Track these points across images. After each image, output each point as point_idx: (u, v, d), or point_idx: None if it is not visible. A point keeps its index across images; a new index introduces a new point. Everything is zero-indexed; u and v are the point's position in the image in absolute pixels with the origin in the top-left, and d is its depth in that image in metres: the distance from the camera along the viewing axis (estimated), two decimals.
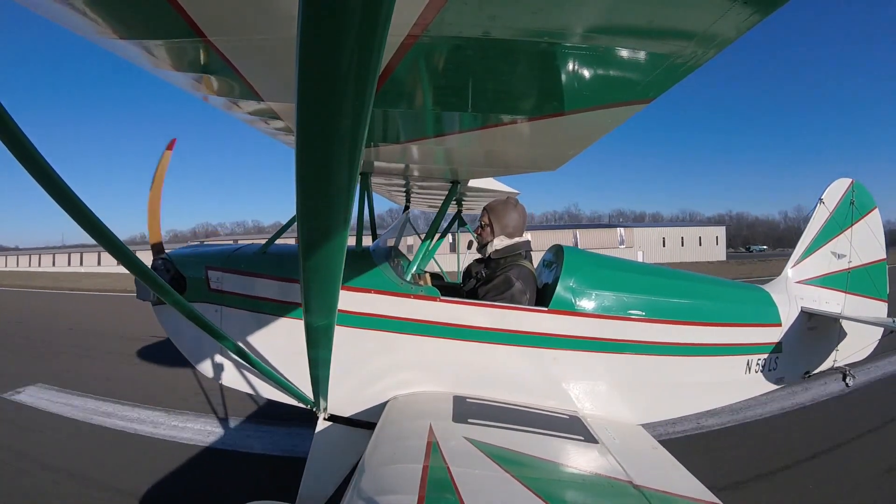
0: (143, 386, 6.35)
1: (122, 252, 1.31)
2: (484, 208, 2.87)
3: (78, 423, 5.18)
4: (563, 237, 36.99)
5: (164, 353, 7.51)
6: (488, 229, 2.81)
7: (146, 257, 2.27)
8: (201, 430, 4.91)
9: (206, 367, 2.78)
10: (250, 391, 2.73)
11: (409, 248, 4.78)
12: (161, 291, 1.55)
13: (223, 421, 5.14)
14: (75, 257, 55.67)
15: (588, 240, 38.11)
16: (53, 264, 56.88)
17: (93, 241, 1.28)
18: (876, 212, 3.70)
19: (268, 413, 5.23)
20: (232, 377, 2.72)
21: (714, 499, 1.70)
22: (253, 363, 2.29)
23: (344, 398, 2.52)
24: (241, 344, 2.19)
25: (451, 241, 5.18)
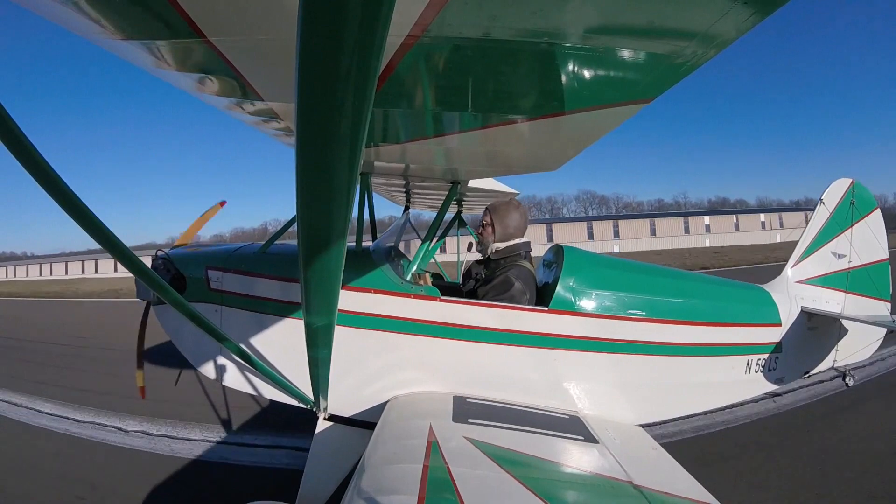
0: None
1: (121, 251, 1.31)
2: (486, 208, 2.88)
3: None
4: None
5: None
6: (489, 229, 2.81)
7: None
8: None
9: (205, 368, 2.78)
10: (250, 391, 2.73)
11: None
12: (161, 291, 1.55)
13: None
14: (89, 265, 55.07)
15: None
16: (66, 272, 56.01)
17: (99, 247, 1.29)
18: (877, 212, 3.72)
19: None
20: (232, 377, 2.72)
21: (713, 500, 1.70)
22: (253, 363, 2.28)
23: (344, 398, 2.52)
24: (241, 344, 2.18)
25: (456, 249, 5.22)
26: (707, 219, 46.13)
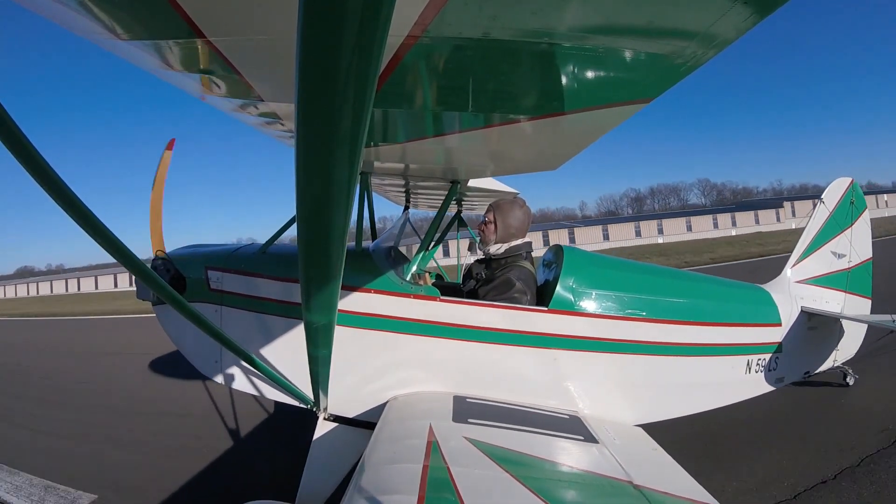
0: None
1: (121, 251, 1.31)
2: (490, 205, 2.86)
3: None
4: None
5: None
6: (492, 227, 2.80)
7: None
8: None
9: (205, 367, 2.78)
10: (250, 391, 2.73)
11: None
12: (161, 291, 1.55)
13: None
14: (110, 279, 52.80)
15: None
16: (96, 287, 53.73)
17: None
18: (868, 212, 3.79)
19: None
20: (232, 377, 2.72)
21: (713, 501, 1.70)
22: (253, 363, 2.28)
23: (344, 398, 2.52)
24: (240, 344, 2.18)
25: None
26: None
